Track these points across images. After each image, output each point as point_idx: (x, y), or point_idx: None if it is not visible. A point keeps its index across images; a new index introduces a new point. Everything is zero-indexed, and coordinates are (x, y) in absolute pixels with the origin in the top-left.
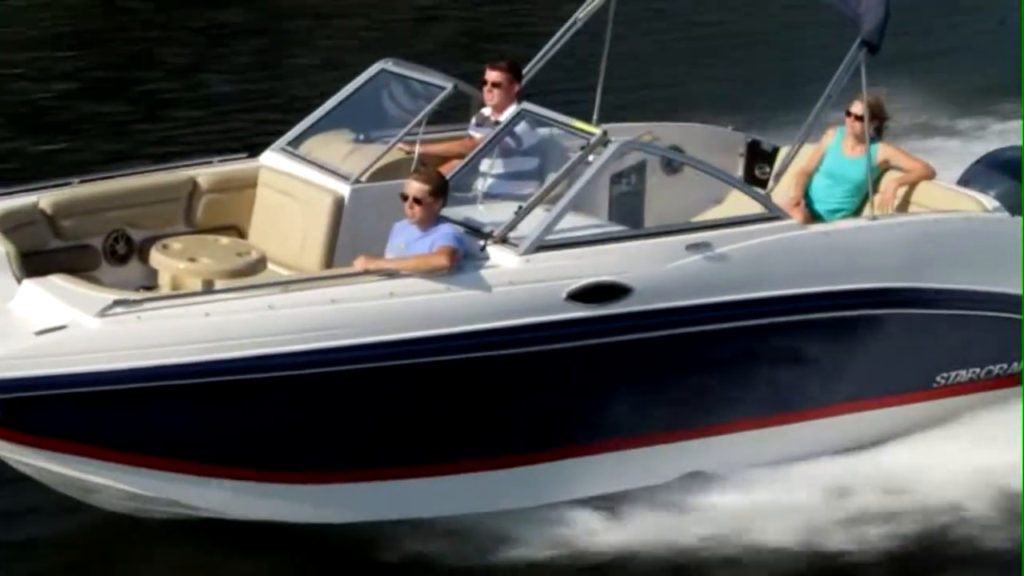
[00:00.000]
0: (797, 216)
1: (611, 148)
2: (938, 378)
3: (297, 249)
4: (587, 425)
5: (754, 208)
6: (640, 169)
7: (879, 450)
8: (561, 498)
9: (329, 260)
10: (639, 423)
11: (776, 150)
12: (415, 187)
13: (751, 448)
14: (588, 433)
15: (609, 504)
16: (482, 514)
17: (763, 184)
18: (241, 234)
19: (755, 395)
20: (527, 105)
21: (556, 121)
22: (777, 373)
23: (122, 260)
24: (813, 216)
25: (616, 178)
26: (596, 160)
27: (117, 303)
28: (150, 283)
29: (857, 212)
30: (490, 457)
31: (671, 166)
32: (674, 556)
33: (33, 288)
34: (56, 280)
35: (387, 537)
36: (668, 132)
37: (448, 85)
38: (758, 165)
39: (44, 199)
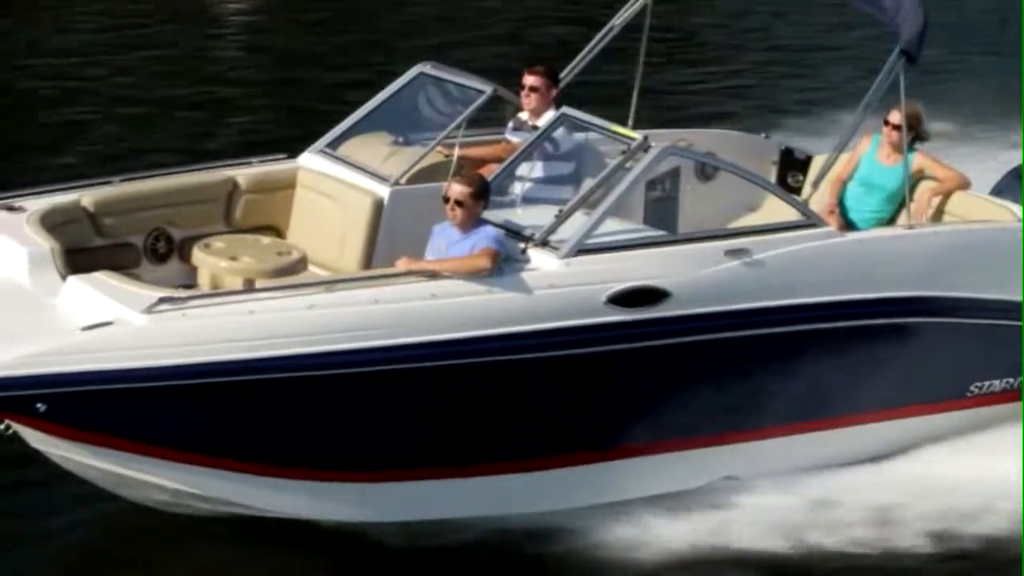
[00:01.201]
0: (831, 224)
1: (652, 153)
2: (971, 387)
3: (336, 250)
4: (623, 429)
5: (791, 215)
6: (674, 175)
7: (911, 456)
8: (596, 501)
9: (367, 261)
10: (675, 427)
11: (809, 159)
12: (457, 189)
13: (784, 454)
14: (624, 437)
15: (643, 508)
16: (516, 516)
17: (796, 192)
18: (279, 234)
19: (790, 401)
20: (567, 110)
21: (597, 126)
22: (812, 379)
23: (162, 259)
24: (846, 224)
25: (651, 184)
26: (636, 165)
27: (163, 300)
28: (189, 282)
29: (891, 221)
30: (526, 459)
31: (704, 173)
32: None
33: (79, 284)
34: (101, 277)
35: (427, 537)
36: (701, 139)
37: (488, 89)
38: (791, 173)
39: (86, 197)
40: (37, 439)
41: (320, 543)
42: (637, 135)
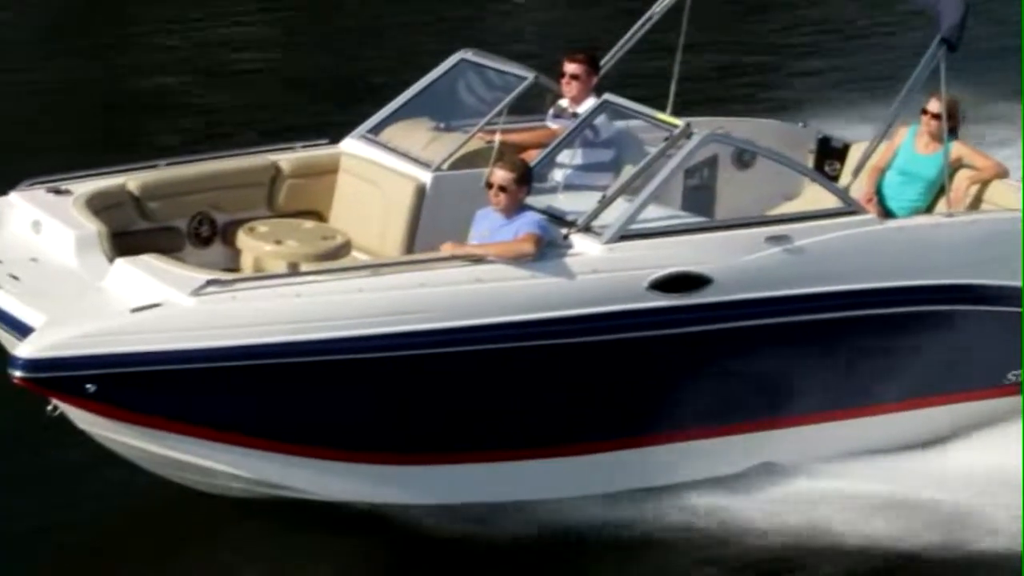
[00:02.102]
0: (870, 212)
1: (694, 140)
2: (1009, 375)
3: (378, 235)
4: (664, 414)
5: (831, 202)
6: (712, 163)
7: (947, 446)
8: (636, 485)
9: (409, 246)
10: (714, 413)
11: (847, 147)
12: (500, 175)
13: (823, 441)
14: (665, 422)
15: (680, 492)
16: (557, 500)
17: (833, 181)
18: (322, 219)
19: (829, 387)
20: (609, 96)
21: (639, 113)
22: (851, 366)
23: (205, 242)
24: (884, 212)
25: (689, 172)
26: (678, 152)
27: (211, 282)
28: (232, 266)
29: (928, 210)
30: (567, 444)
31: (742, 161)
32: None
33: (127, 267)
34: (149, 259)
35: (465, 520)
36: (738, 127)
37: (529, 75)
38: (828, 162)
39: (132, 181)
40: (84, 420)
41: (358, 526)
42: (679, 122)
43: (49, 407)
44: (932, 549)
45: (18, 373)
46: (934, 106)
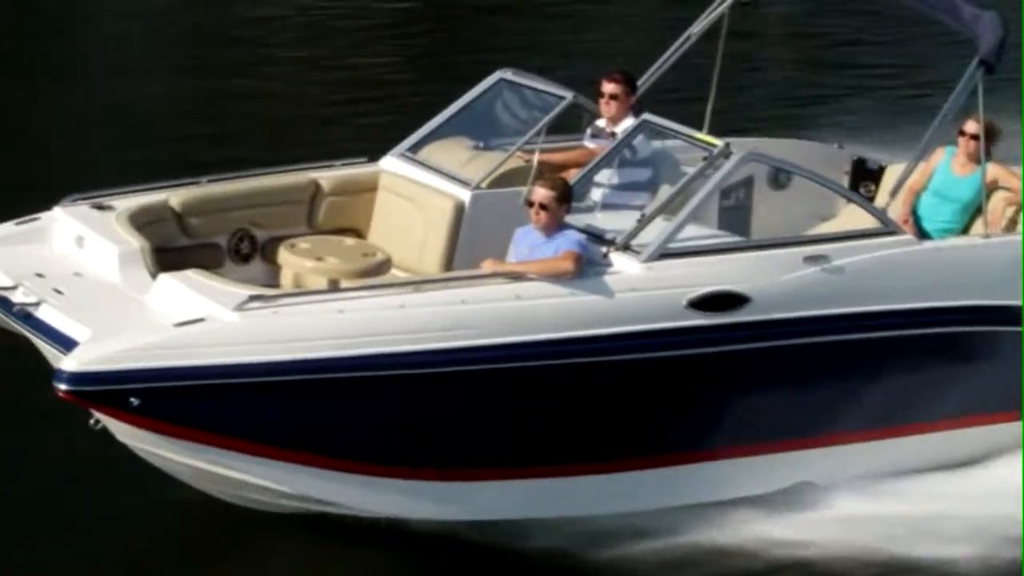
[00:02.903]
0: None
1: (733, 160)
2: None
3: (417, 252)
4: (702, 432)
5: (868, 223)
6: (748, 184)
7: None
8: (674, 503)
9: (448, 264)
10: (752, 431)
11: (882, 169)
12: (541, 193)
13: (862, 460)
14: (702, 440)
15: (720, 510)
16: (595, 517)
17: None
18: (360, 236)
19: (867, 407)
20: (648, 116)
21: (678, 133)
22: (890, 386)
23: (246, 259)
24: (920, 234)
25: (725, 193)
26: (717, 171)
27: (253, 298)
28: (272, 283)
29: (963, 232)
30: (605, 461)
31: (777, 182)
32: (780, 560)
33: (170, 282)
34: (192, 274)
35: (508, 536)
36: (774, 148)
37: (568, 95)
38: (863, 183)
39: (174, 197)
40: (126, 433)
41: (396, 542)
42: (718, 142)
43: (92, 421)
44: (970, 567)
45: (63, 387)
46: (972, 127)
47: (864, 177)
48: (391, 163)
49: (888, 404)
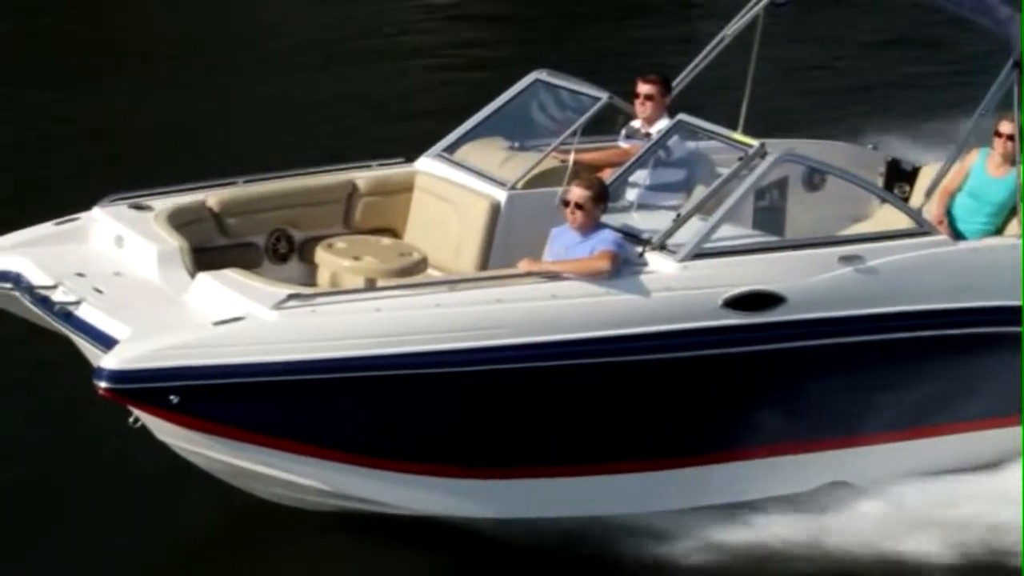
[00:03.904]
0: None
1: (768, 160)
2: None
3: (452, 252)
4: (735, 432)
5: (902, 223)
6: (782, 185)
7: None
8: (708, 502)
9: (484, 264)
10: (786, 431)
11: (916, 170)
12: (577, 193)
13: (895, 460)
14: (736, 440)
15: (752, 509)
16: (629, 516)
17: None
18: (397, 236)
19: (902, 407)
20: (684, 116)
21: (714, 133)
22: (924, 386)
23: (283, 259)
24: (955, 234)
25: (759, 193)
26: (753, 172)
27: (292, 296)
28: (309, 282)
29: (999, 232)
30: (640, 459)
31: (812, 183)
32: (815, 561)
33: (209, 281)
34: (231, 274)
35: (537, 535)
36: (808, 149)
37: (603, 96)
38: (897, 184)
39: (212, 197)
40: (165, 431)
41: (428, 539)
42: (754, 142)
43: (131, 419)
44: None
45: (103, 384)
46: (1006, 128)
47: (898, 178)
48: (427, 163)
49: (921, 404)
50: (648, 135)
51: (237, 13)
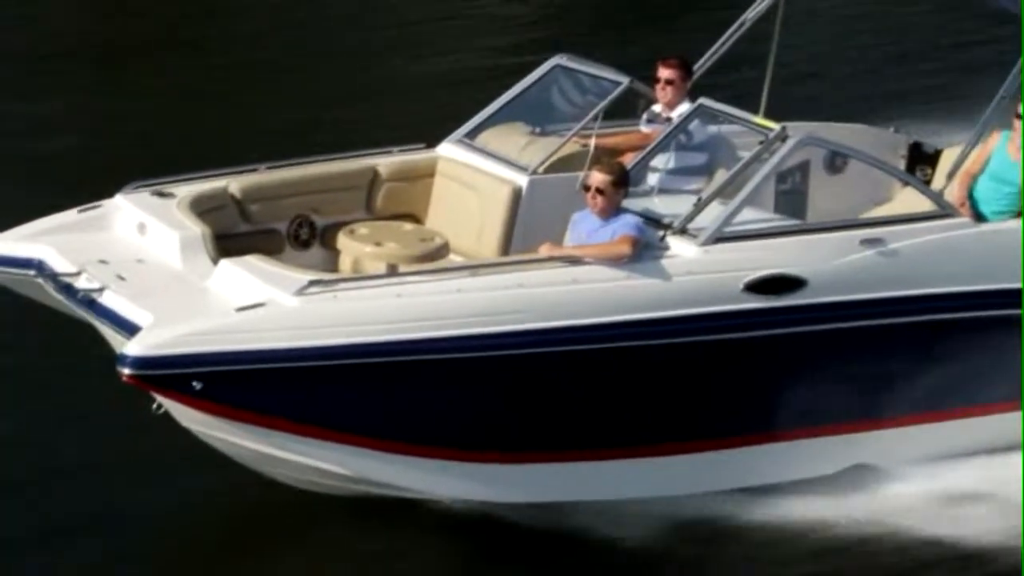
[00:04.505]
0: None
1: (789, 143)
2: None
3: (474, 237)
4: (757, 415)
5: (924, 206)
6: (804, 168)
7: None
8: (729, 486)
9: (505, 249)
10: (808, 414)
11: (938, 152)
12: (598, 178)
13: (918, 442)
14: (759, 423)
15: (774, 493)
16: (651, 499)
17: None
18: (418, 222)
19: (923, 389)
20: (705, 100)
21: (735, 117)
22: (947, 368)
23: (305, 245)
24: (977, 217)
25: (781, 177)
26: (773, 155)
27: (313, 283)
28: (331, 268)
29: (1021, 214)
30: (662, 443)
31: (834, 166)
32: (838, 541)
33: (231, 267)
34: (253, 260)
35: (562, 518)
36: (830, 132)
37: (624, 80)
38: (919, 167)
39: (233, 184)
40: (188, 417)
41: (449, 525)
42: (775, 125)
43: (154, 405)
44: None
45: (126, 371)
46: None
47: (920, 161)
48: (448, 149)
49: (944, 386)
50: (669, 119)
51: None
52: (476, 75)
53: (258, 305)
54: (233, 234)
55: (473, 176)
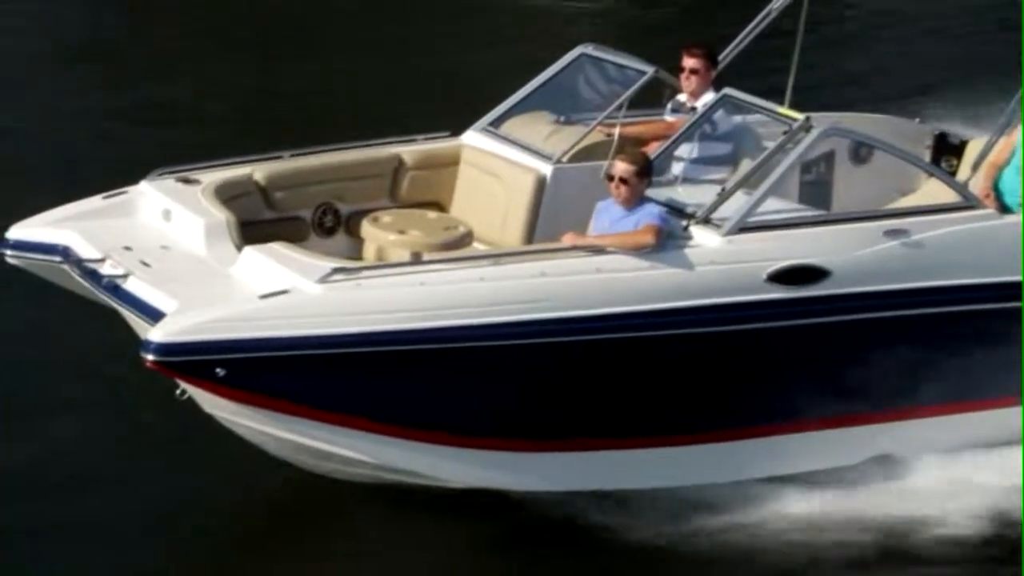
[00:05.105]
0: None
1: (813, 133)
2: None
3: (498, 226)
4: (781, 405)
5: (949, 197)
6: (829, 158)
7: None
8: (752, 476)
9: (529, 237)
10: (831, 404)
11: (964, 143)
12: (622, 167)
13: (940, 434)
14: (782, 413)
15: (796, 483)
16: (671, 489)
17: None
18: (443, 210)
19: (946, 380)
20: (729, 90)
21: (759, 106)
22: (968, 360)
23: (329, 232)
24: (1001, 208)
25: (805, 167)
26: (797, 145)
27: (337, 270)
28: (355, 255)
29: None
30: (682, 433)
31: (859, 156)
32: (860, 533)
33: (255, 254)
34: (276, 247)
35: (575, 507)
36: (855, 122)
37: (649, 70)
38: (944, 158)
39: (258, 171)
40: (211, 404)
41: (475, 513)
42: (799, 116)
43: (178, 391)
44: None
45: (150, 357)
46: None
47: (946, 151)
48: (473, 137)
49: (967, 377)
50: (694, 109)
51: None
52: None
53: (282, 292)
54: (257, 221)
55: (498, 165)
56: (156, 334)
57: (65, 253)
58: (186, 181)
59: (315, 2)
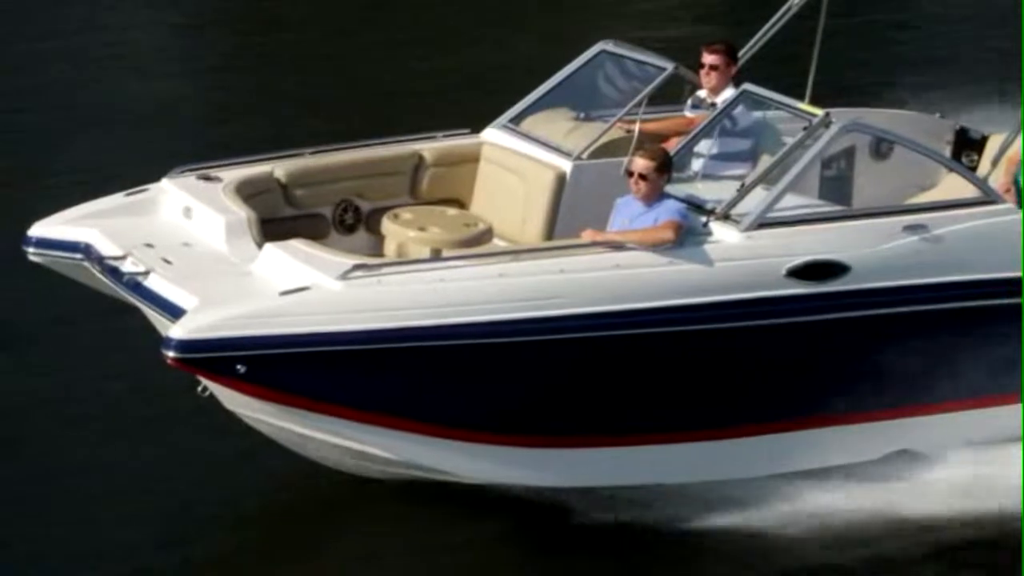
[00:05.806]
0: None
1: (833, 129)
2: None
3: (518, 222)
4: (799, 401)
5: (969, 192)
6: (849, 154)
7: None
8: (771, 471)
9: (549, 234)
10: (851, 400)
11: (985, 138)
12: (641, 163)
13: (962, 428)
14: (801, 409)
15: (817, 478)
16: (690, 484)
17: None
18: (463, 207)
19: (966, 375)
20: (749, 86)
21: (779, 102)
22: (989, 354)
23: (350, 229)
24: (1021, 204)
25: (826, 163)
26: (817, 141)
27: (357, 267)
28: (376, 253)
29: None
30: (702, 429)
31: (879, 152)
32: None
33: (275, 251)
34: (297, 244)
35: (593, 504)
36: (876, 118)
37: (669, 66)
38: (965, 153)
39: (279, 168)
40: (233, 400)
41: (500, 510)
42: (819, 111)
43: (199, 388)
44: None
45: (171, 354)
46: None
47: (967, 146)
48: (493, 134)
49: (988, 372)
50: (713, 105)
51: None
52: None
53: (302, 289)
54: (278, 218)
55: (517, 161)
56: (177, 331)
57: (87, 250)
58: (207, 178)
59: None
